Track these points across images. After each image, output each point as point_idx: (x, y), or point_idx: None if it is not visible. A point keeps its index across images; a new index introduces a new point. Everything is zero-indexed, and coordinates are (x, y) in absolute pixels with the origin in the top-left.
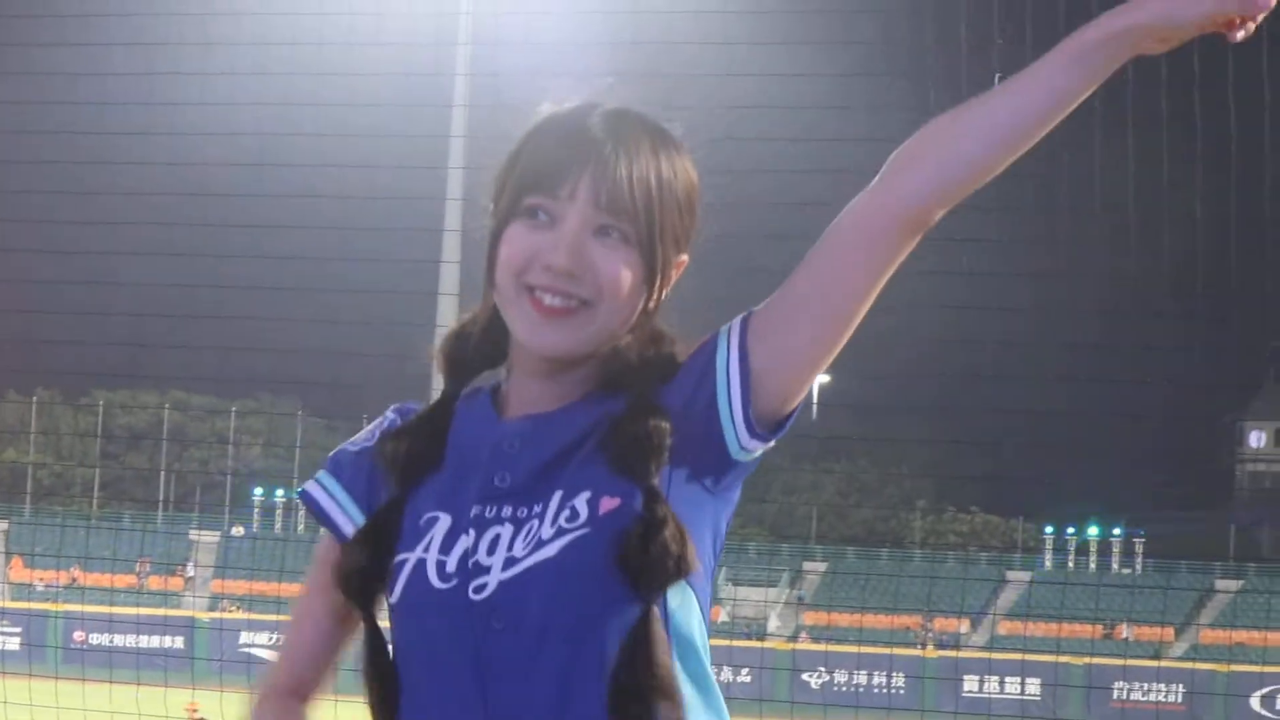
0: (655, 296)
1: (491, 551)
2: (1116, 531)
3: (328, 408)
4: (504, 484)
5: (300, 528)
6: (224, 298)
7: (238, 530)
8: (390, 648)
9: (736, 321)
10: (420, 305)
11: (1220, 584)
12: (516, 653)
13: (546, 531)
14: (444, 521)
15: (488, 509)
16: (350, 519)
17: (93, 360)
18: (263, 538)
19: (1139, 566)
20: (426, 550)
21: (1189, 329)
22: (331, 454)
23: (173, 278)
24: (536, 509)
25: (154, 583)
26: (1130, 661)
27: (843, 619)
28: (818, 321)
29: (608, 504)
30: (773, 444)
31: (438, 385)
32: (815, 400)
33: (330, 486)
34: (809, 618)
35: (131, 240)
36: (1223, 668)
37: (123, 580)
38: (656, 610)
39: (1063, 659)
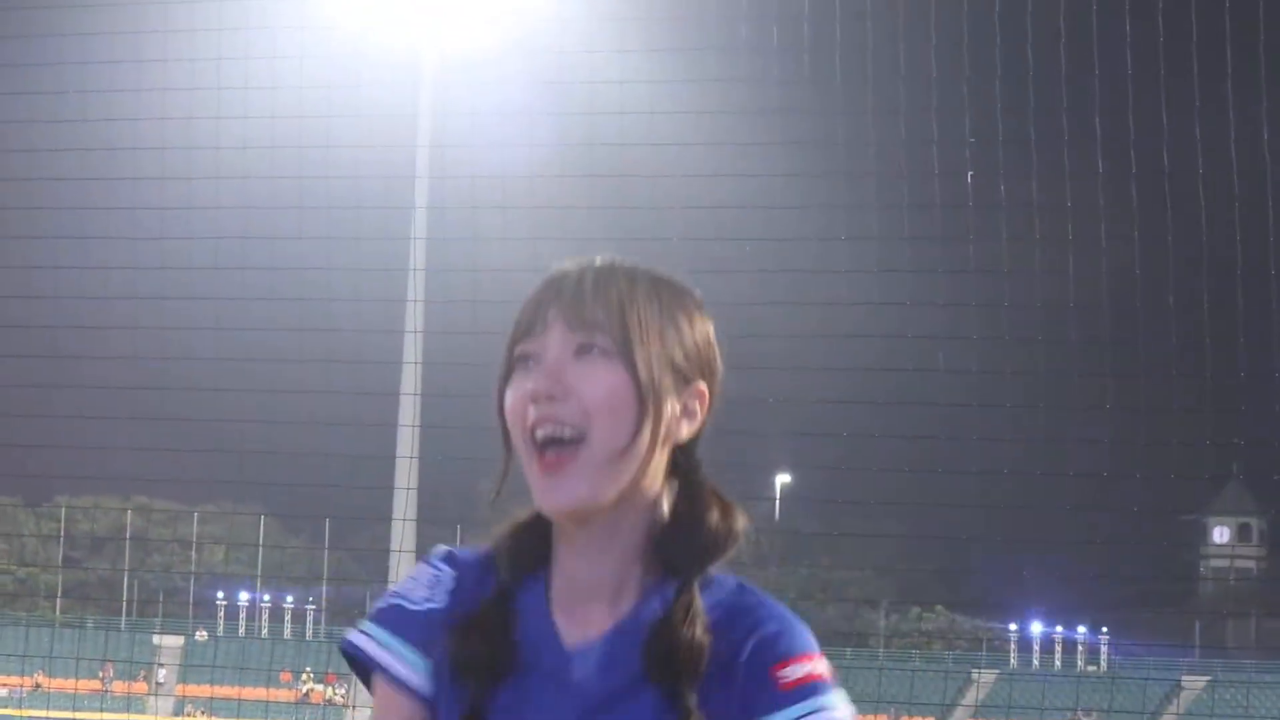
0: (659, 420)
1: None
2: (1081, 628)
3: (289, 511)
4: (573, 709)
5: (264, 631)
6: (183, 400)
7: (201, 635)
8: None
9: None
10: (381, 405)
11: (1187, 679)
12: None
13: None
14: None
15: None
16: (413, 671)
17: (54, 465)
18: (227, 640)
19: (1104, 663)
20: None
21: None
22: (381, 607)
23: (133, 380)
24: None
25: (118, 688)
26: None
27: None
28: None
29: None
30: None
31: (400, 489)
32: (778, 498)
33: (383, 639)
34: None
35: (91, 343)
36: None
37: (87, 685)
38: None
39: None
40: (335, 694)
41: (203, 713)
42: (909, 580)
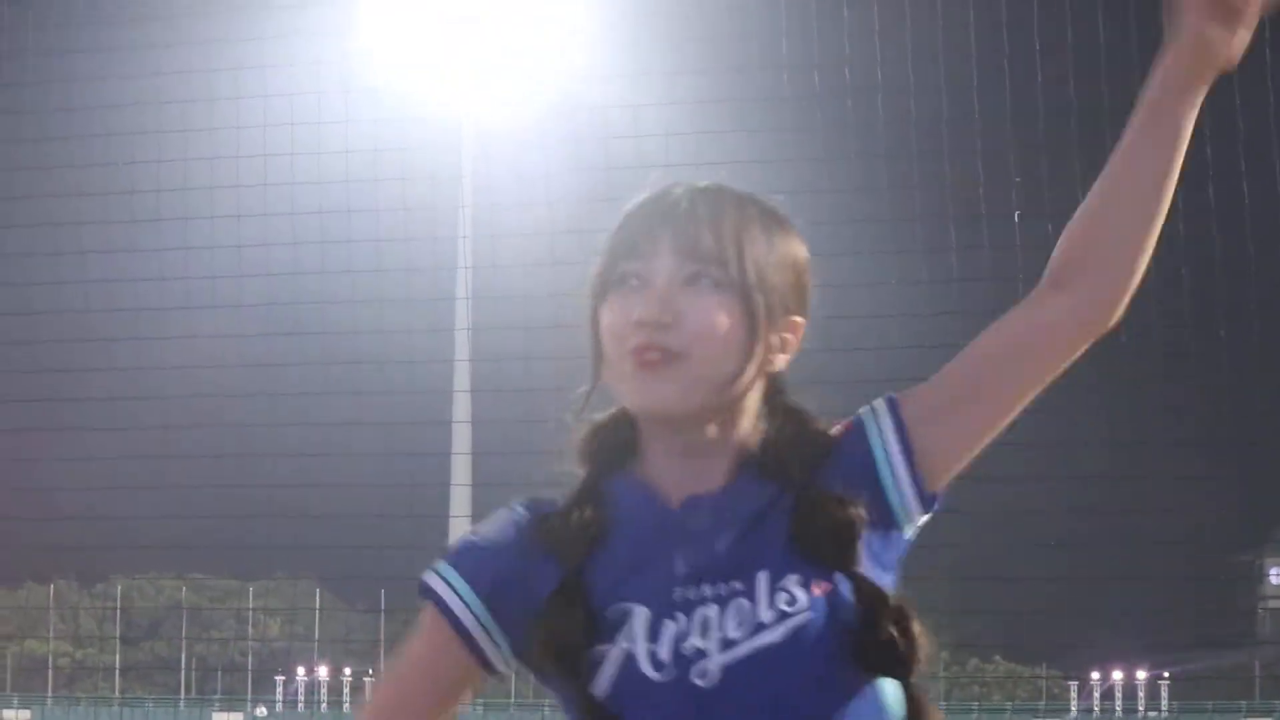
0: (765, 351)
1: (704, 635)
2: (1141, 675)
3: (344, 583)
4: (700, 563)
5: (323, 706)
6: (238, 473)
7: (261, 711)
8: None
9: (881, 403)
10: (434, 467)
11: None
12: None
13: (765, 614)
14: (640, 609)
15: (689, 590)
16: (469, 608)
17: (109, 545)
18: (288, 716)
19: (1165, 709)
20: (631, 640)
21: (1208, 466)
22: (454, 544)
23: (184, 466)
24: (739, 587)
25: None
26: None
27: None
28: (983, 415)
29: (820, 588)
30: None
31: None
32: None
33: (444, 571)
34: None
35: (143, 441)
36: None
37: None
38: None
39: None
40: None
41: None
42: (966, 632)
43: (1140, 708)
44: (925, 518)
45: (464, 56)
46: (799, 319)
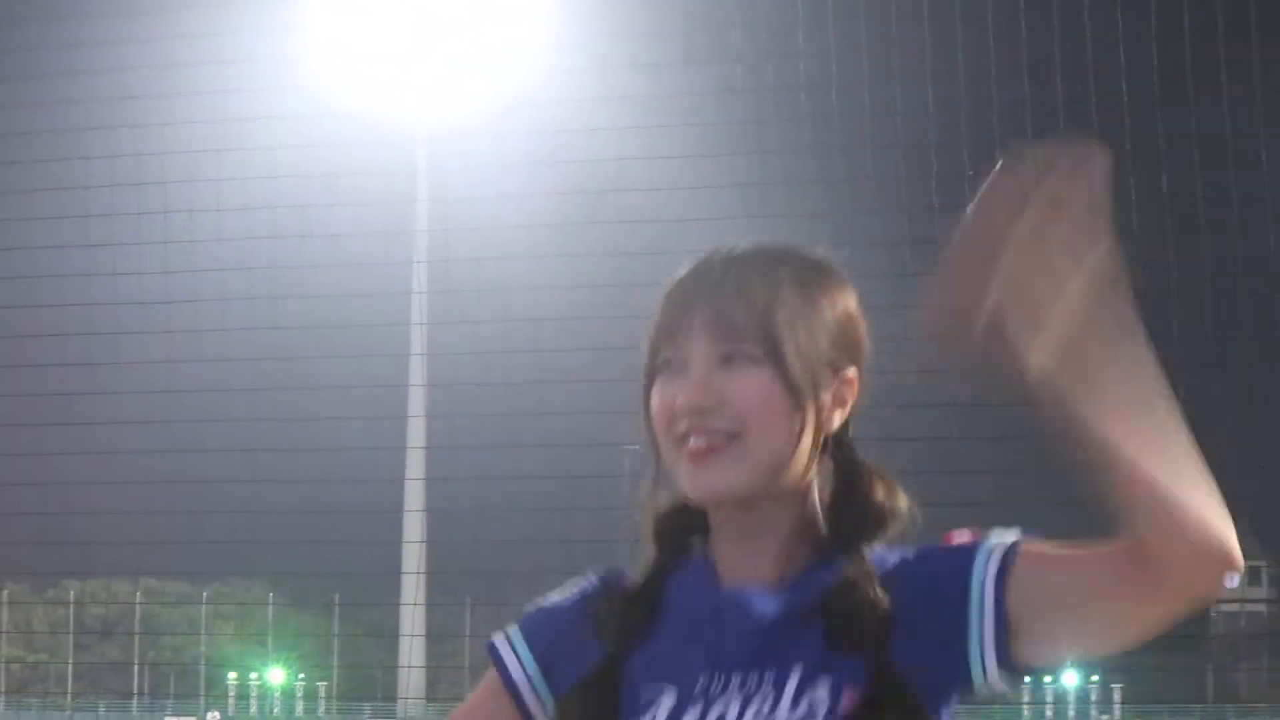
0: (814, 419)
1: None
2: (1094, 679)
3: (297, 586)
4: (730, 652)
5: (275, 710)
6: (189, 483)
7: (214, 715)
8: None
9: (998, 552)
10: (387, 491)
11: None
12: None
13: (783, 715)
14: (669, 692)
15: (715, 681)
16: (523, 667)
17: (62, 552)
18: None
19: (1117, 713)
20: None
21: None
22: (526, 610)
23: (140, 470)
24: (768, 681)
25: None
26: None
27: None
28: (1081, 633)
29: (851, 698)
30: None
31: (412, 560)
32: None
33: (511, 633)
34: None
35: (95, 439)
36: None
37: None
38: None
39: None
40: None
41: None
42: None
43: (1092, 712)
44: (1009, 681)
45: (418, 52)
46: (851, 372)
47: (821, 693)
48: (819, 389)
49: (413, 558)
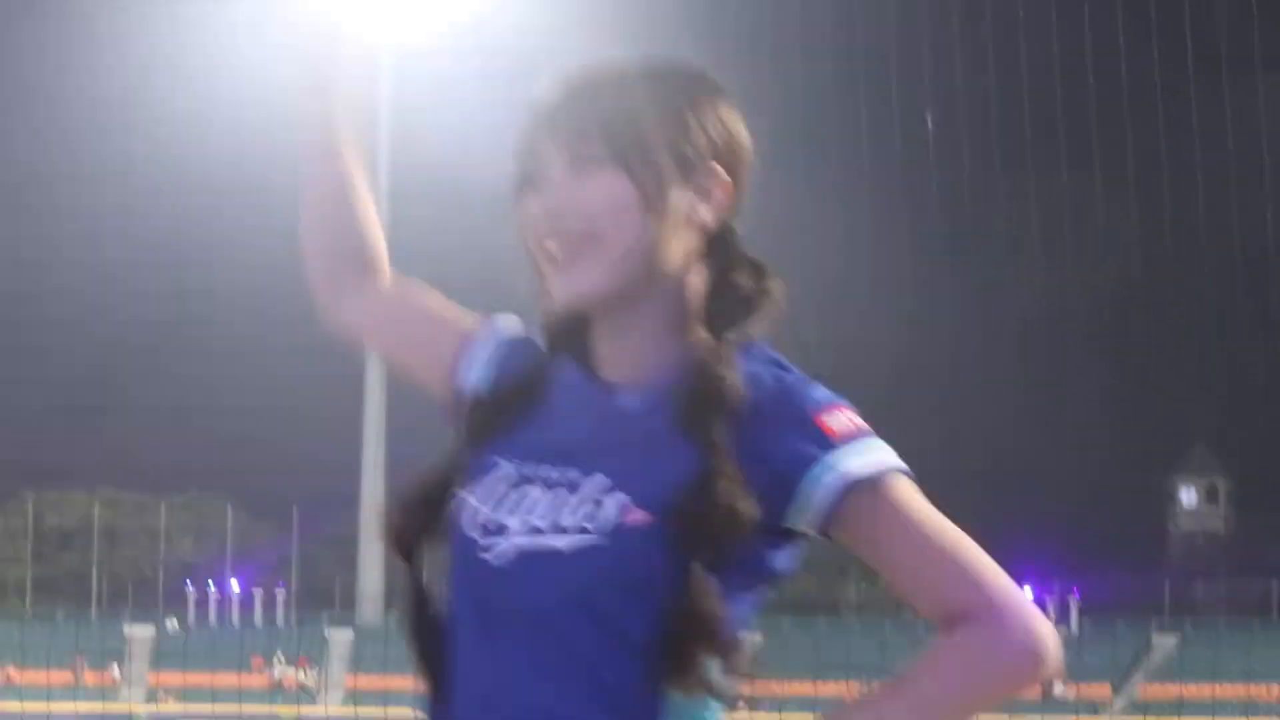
0: (678, 211)
1: (513, 513)
2: (1050, 594)
3: (255, 500)
4: (551, 442)
5: (234, 619)
6: (149, 392)
7: (172, 623)
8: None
9: (834, 483)
10: (347, 395)
11: (1157, 639)
12: (516, 628)
13: (567, 517)
14: (501, 468)
15: (529, 464)
16: (475, 366)
17: (20, 460)
18: (198, 629)
19: (1074, 624)
20: (473, 492)
21: (1121, 391)
22: (514, 324)
23: (97, 375)
24: (572, 478)
25: (90, 678)
26: (1069, 719)
27: (788, 688)
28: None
29: (634, 517)
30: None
31: (371, 471)
32: None
33: (501, 327)
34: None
35: (55, 341)
36: None
37: (58, 677)
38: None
39: (1001, 719)
40: (307, 678)
41: (175, 700)
42: None
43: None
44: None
45: None
46: (716, 166)
47: (610, 505)
48: (670, 182)
49: (371, 459)
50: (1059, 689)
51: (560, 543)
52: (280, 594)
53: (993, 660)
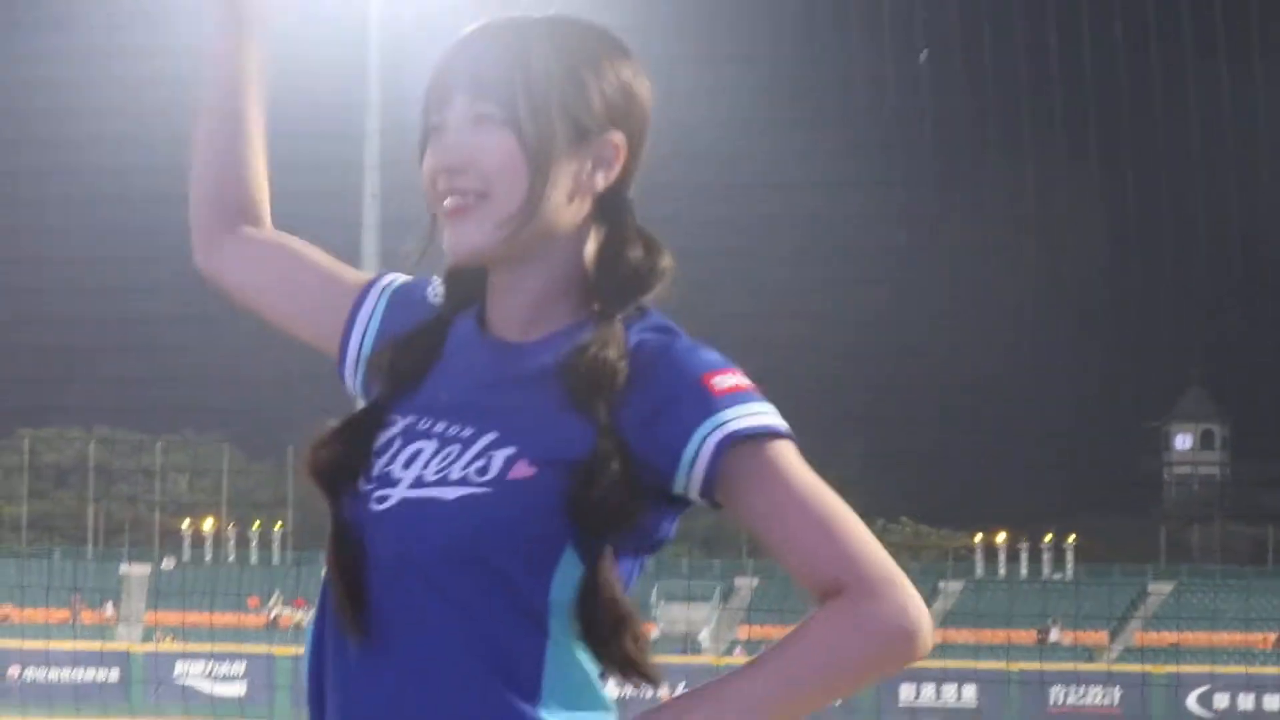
0: (570, 181)
1: (407, 466)
2: (1048, 538)
3: (251, 439)
4: (443, 398)
5: (230, 558)
6: (146, 331)
7: (169, 563)
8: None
9: (715, 437)
10: None
11: (1153, 585)
12: (397, 584)
13: (456, 471)
14: (397, 424)
15: (423, 420)
16: (369, 324)
17: (16, 398)
18: (194, 568)
19: (1070, 572)
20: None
21: (1114, 335)
22: (415, 279)
23: (94, 313)
24: (464, 435)
25: (87, 617)
26: (1066, 666)
27: (778, 632)
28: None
29: (521, 471)
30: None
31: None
32: None
33: (388, 291)
34: (742, 632)
35: (52, 278)
36: (1158, 669)
37: (55, 615)
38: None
39: (998, 665)
40: (303, 618)
41: (172, 638)
42: (873, 494)
43: (1045, 570)
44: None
45: None
46: (615, 135)
47: (498, 459)
48: (562, 151)
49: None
50: (1055, 634)
51: (448, 494)
52: (277, 534)
53: (862, 636)
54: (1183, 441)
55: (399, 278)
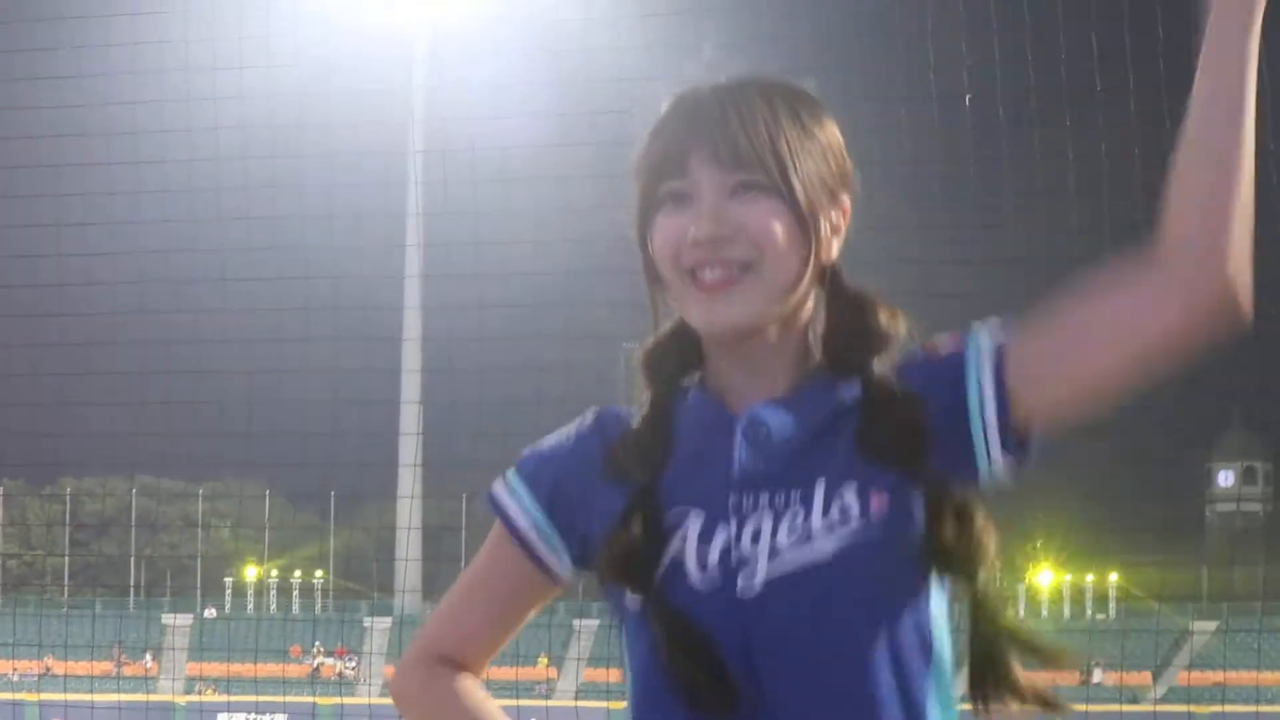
0: (821, 246)
1: (755, 543)
2: (1088, 579)
3: (294, 488)
4: (758, 470)
5: (273, 607)
6: (188, 381)
7: (210, 613)
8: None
9: (987, 345)
10: (384, 382)
11: (1197, 625)
12: (797, 651)
13: (818, 525)
14: (695, 515)
15: (745, 498)
16: (528, 515)
17: (58, 448)
18: (235, 618)
19: (1112, 612)
20: (683, 543)
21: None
22: (523, 455)
23: (136, 364)
24: (797, 496)
25: (130, 669)
26: (1111, 707)
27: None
28: (1084, 387)
29: (878, 500)
30: (1019, 468)
31: (405, 460)
32: None
33: (512, 481)
34: None
35: (95, 327)
36: (1203, 709)
37: (99, 668)
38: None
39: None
40: (345, 667)
41: (214, 690)
42: None
43: (1088, 611)
44: (1010, 465)
45: None
46: (846, 200)
47: (850, 497)
48: (823, 217)
49: (409, 451)
50: (1098, 676)
51: (818, 552)
52: (317, 581)
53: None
54: (1225, 479)
55: (510, 472)
